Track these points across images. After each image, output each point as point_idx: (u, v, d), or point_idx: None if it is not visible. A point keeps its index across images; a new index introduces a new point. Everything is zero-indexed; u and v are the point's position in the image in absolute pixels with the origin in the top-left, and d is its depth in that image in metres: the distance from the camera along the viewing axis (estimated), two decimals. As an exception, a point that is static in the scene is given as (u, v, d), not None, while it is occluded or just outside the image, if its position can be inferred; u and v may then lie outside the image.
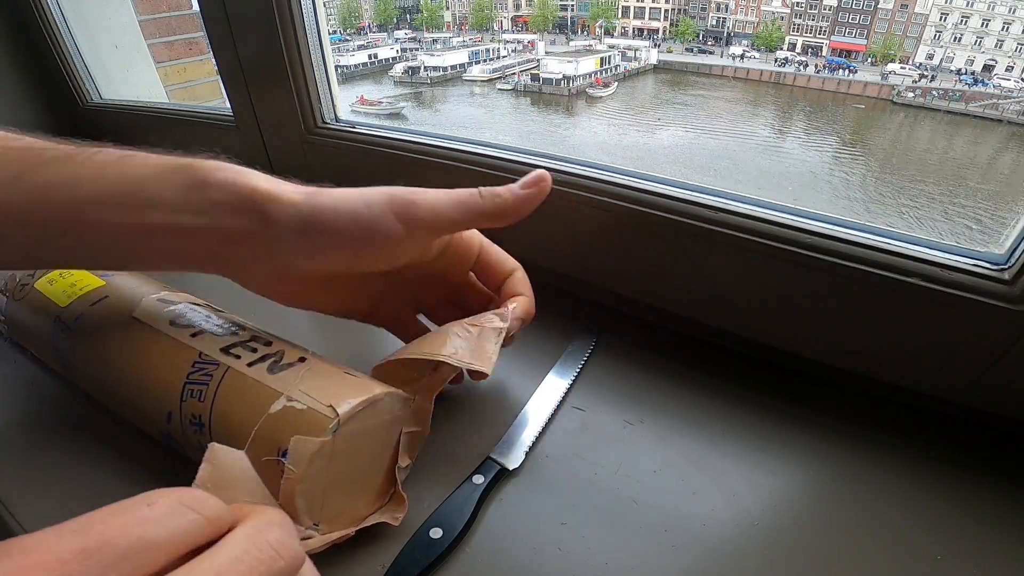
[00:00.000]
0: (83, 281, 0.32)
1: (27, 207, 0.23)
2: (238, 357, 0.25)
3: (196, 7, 0.54)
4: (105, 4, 0.78)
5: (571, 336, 0.38)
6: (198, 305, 0.31)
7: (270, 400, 0.23)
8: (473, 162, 0.42)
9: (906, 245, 0.30)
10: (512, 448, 0.29)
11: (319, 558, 0.24)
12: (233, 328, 0.28)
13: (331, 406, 0.22)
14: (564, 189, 0.38)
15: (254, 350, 0.26)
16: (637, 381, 0.35)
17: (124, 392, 0.28)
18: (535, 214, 0.27)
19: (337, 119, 0.52)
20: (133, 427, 0.30)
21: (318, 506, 0.23)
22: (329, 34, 0.50)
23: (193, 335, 0.27)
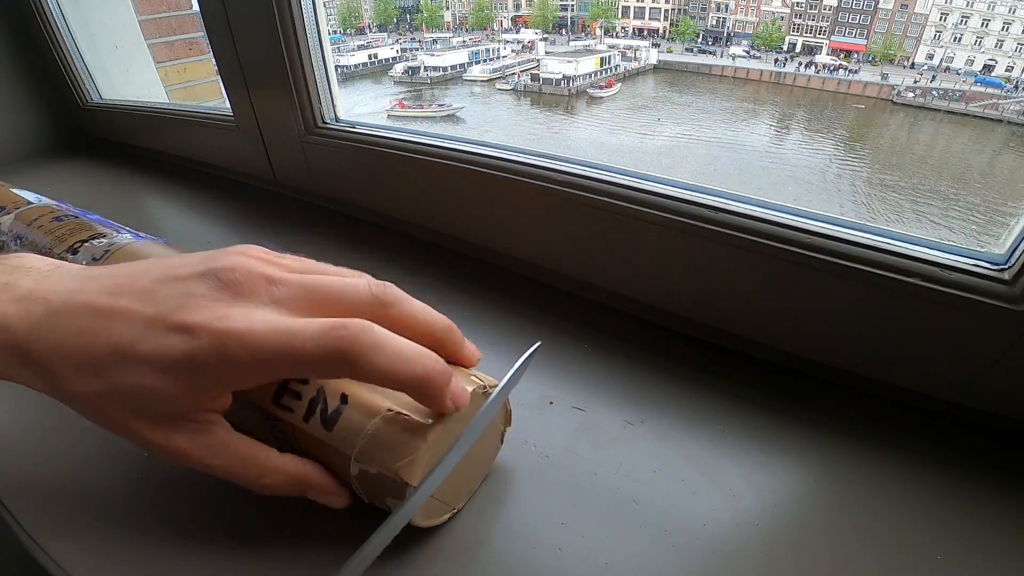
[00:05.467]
0: None
1: None
2: (290, 410, 0.24)
3: (196, 7, 0.54)
4: (105, 4, 0.78)
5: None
6: None
7: (343, 458, 0.23)
8: (473, 162, 0.42)
9: (906, 245, 0.30)
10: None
11: (317, 555, 0.24)
12: None
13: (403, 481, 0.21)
14: (564, 189, 0.38)
15: (298, 395, 0.24)
16: (637, 381, 0.35)
17: None
18: (535, 215, 0.26)
19: (337, 119, 0.52)
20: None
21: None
22: (329, 34, 0.51)
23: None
